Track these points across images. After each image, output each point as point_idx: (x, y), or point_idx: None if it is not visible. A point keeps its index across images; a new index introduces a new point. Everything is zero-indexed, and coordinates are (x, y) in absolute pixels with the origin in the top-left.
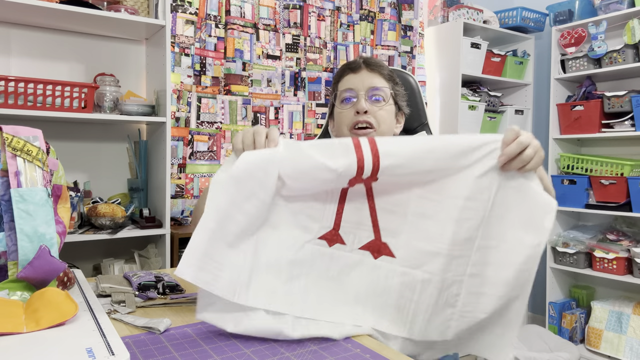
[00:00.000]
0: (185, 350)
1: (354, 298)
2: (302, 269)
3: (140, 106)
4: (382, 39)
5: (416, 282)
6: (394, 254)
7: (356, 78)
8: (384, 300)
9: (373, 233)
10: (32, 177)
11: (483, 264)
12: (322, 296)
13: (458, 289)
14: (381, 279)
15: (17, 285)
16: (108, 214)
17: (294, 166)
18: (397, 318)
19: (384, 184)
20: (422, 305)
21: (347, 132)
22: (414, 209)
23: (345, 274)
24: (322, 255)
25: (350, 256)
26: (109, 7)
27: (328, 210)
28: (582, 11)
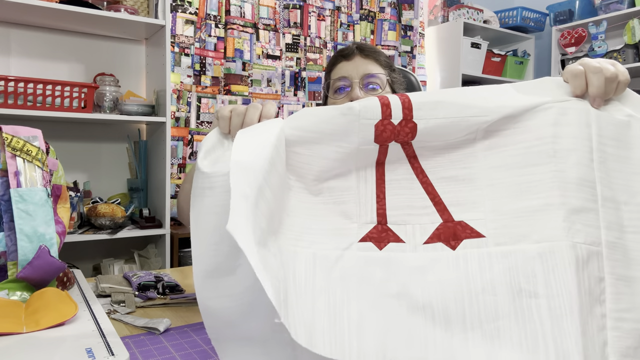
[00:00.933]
0: (185, 351)
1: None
2: (347, 289)
3: (140, 106)
4: (382, 38)
5: (531, 260)
6: (481, 232)
7: (350, 65)
8: (490, 306)
9: (438, 214)
10: (31, 177)
11: (619, 227)
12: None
13: (599, 270)
14: (474, 274)
15: (16, 285)
16: (108, 214)
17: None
18: (526, 337)
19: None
20: (560, 299)
21: None
22: (487, 164)
23: (416, 283)
24: (372, 263)
25: (415, 257)
26: (108, 7)
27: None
28: (582, 11)
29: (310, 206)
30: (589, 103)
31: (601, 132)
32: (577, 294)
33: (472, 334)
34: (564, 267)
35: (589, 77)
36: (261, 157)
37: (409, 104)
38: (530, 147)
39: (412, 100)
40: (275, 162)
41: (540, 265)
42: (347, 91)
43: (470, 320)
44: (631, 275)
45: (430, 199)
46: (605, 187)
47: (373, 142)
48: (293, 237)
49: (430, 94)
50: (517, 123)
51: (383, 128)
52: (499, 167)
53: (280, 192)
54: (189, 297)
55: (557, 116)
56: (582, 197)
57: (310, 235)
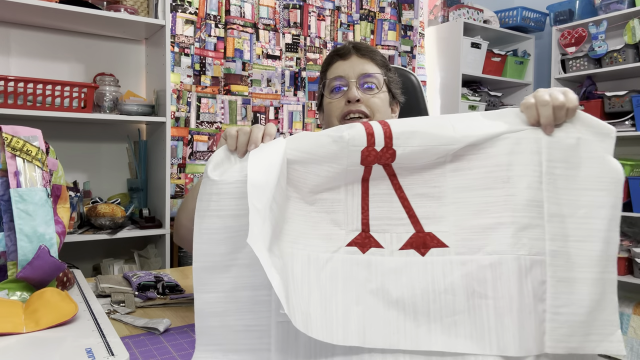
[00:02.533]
0: (185, 351)
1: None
2: (335, 285)
3: (140, 106)
4: (382, 38)
5: (483, 268)
6: (445, 242)
7: (346, 65)
8: (450, 304)
9: (412, 226)
10: (31, 177)
11: (563, 238)
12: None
13: (542, 274)
14: (438, 277)
15: (16, 285)
16: (108, 214)
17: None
18: (476, 329)
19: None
20: (503, 301)
21: (337, 124)
22: (454, 184)
23: (392, 282)
24: (356, 264)
25: (392, 260)
26: (108, 7)
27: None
28: (583, 11)
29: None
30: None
31: (551, 156)
32: (517, 296)
33: (434, 325)
34: (508, 275)
35: (539, 109)
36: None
37: (389, 134)
38: (489, 172)
39: (393, 130)
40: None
41: (490, 273)
42: (343, 90)
43: (433, 314)
44: (572, 277)
45: (405, 212)
46: (553, 205)
47: (359, 165)
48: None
49: (408, 123)
50: (480, 150)
51: (368, 153)
52: (463, 188)
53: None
54: (189, 297)
55: (512, 146)
56: (529, 216)
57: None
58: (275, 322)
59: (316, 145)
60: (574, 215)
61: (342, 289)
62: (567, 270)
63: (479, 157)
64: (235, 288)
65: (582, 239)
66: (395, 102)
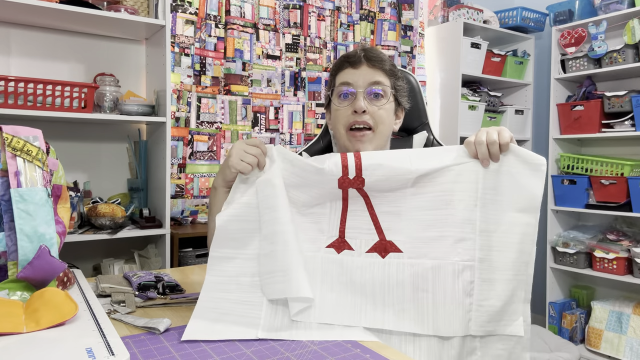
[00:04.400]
0: (185, 351)
1: (372, 300)
2: (315, 277)
3: (140, 106)
4: (382, 38)
5: (426, 270)
6: (401, 249)
7: (356, 74)
8: (400, 295)
9: (377, 235)
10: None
11: (488, 248)
12: (338, 301)
13: (471, 276)
14: (392, 275)
15: (17, 285)
16: (108, 214)
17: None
18: (418, 315)
19: (376, 189)
20: (439, 295)
21: (344, 132)
22: (410, 205)
23: (358, 276)
24: (332, 262)
25: (359, 260)
26: (109, 7)
27: (333, 221)
28: (582, 11)
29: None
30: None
31: (485, 184)
32: (450, 292)
33: (387, 310)
34: (444, 276)
35: (476, 146)
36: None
37: (360, 166)
38: (437, 196)
39: (362, 163)
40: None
41: (431, 273)
42: (350, 99)
43: (387, 302)
44: (492, 278)
45: (373, 224)
46: (483, 222)
47: (337, 188)
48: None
49: (376, 157)
50: (433, 179)
51: (343, 181)
52: (417, 208)
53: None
54: (189, 297)
55: (456, 176)
56: (465, 231)
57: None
58: (267, 301)
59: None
60: (497, 230)
61: (320, 280)
62: (490, 272)
63: (431, 184)
64: (238, 274)
65: (501, 249)
66: (401, 108)
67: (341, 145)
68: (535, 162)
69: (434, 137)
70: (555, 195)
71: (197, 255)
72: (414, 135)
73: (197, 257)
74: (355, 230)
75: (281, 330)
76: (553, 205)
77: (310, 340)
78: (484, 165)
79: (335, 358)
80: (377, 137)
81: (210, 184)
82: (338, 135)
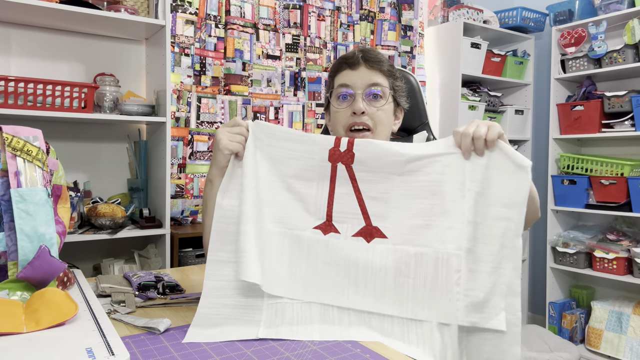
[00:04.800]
0: (185, 350)
1: (354, 282)
2: (301, 256)
3: (140, 106)
4: (382, 39)
5: (409, 256)
6: (386, 235)
7: (354, 75)
8: (381, 279)
9: (363, 220)
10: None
11: (474, 239)
12: (322, 280)
13: (458, 265)
14: (376, 259)
15: (17, 285)
16: (108, 214)
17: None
18: (397, 298)
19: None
20: (420, 280)
21: (343, 133)
22: (398, 192)
23: (342, 258)
24: (317, 242)
25: (344, 243)
26: (109, 7)
27: (320, 203)
28: (582, 11)
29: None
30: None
31: (473, 177)
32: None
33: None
34: (426, 263)
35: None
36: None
37: (352, 142)
38: (424, 186)
39: (355, 140)
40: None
41: (413, 260)
42: (349, 100)
43: (369, 285)
44: (477, 269)
45: (360, 210)
46: (470, 214)
47: (327, 161)
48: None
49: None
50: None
51: (333, 152)
52: (405, 196)
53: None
54: (189, 297)
55: (443, 168)
56: (452, 220)
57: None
58: (267, 303)
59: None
60: (482, 223)
61: (306, 260)
62: (475, 263)
63: (419, 174)
64: (236, 278)
65: (485, 242)
66: (400, 109)
67: None
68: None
69: (434, 137)
70: (555, 195)
71: (197, 255)
72: (413, 135)
73: (197, 257)
74: (342, 214)
75: (282, 329)
76: (553, 205)
77: (311, 340)
78: (465, 157)
79: (335, 358)
80: (376, 138)
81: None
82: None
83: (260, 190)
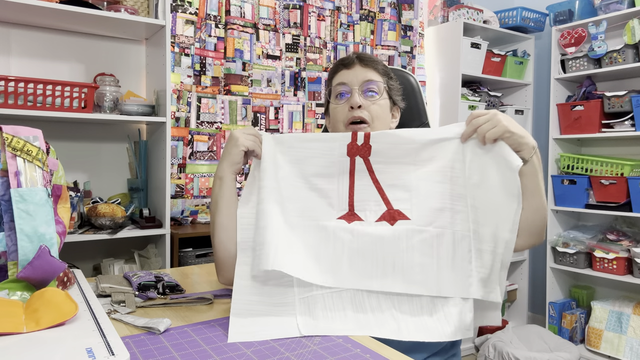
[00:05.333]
0: (185, 350)
1: (382, 264)
2: (327, 245)
3: (140, 106)
4: (382, 39)
5: (432, 237)
6: (408, 216)
7: (350, 74)
8: (409, 259)
9: (385, 205)
10: (32, 177)
11: (477, 222)
12: (350, 267)
13: (469, 245)
14: (402, 240)
15: (17, 285)
16: (108, 214)
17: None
18: (424, 277)
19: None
20: (443, 260)
21: (343, 129)
22: (414, 177)
23: (368, 243)
24: (343, 230)
25: (369, 228)
26: (109, 7)
27: (341, 196)
28: (582, 11)
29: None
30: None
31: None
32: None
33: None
34: (447, 243)
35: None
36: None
37: (368, 135)
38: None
39: (371, 134)
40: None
41: (435, 240)
42: (347, 97)
43: (397, 266)
44: (482, 249)
45: (380, 196)
46: (471, 199)
47: (346, 155)
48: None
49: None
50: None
51: (352, 147)
52: (421, 180)
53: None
54: (189, 297)
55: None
56: (460, 204)
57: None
58: (298, 298)
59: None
60: (480, 208)
61: (333, 247)
62: (479, 243)
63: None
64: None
65: (484, 225)
66: (396, 107)
67: None
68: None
69: None
70: (555, 195)
71: (197, 255)
72: None
73: (197, 257)
74: (363, 202)
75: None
76: (553, 205)
77: (311, 340)
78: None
79: (335, 358)
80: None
81: (210, 184)
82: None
83: (282, 189)
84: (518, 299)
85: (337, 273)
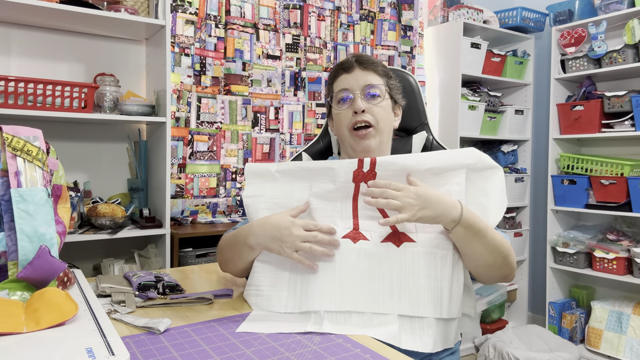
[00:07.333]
0: (185, 350)
1: (389, 287)
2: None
3: (140, 106)
4: (382, 39)
5: (437, 260)
6: (413, 239)
7: (350, 78)
8: (415, 282)
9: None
10: (32, 177)
11: None
12: (357, 289)
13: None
14: (409, 263)
15: (17, 285)
16: (108, 214)
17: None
18: (430, 300)
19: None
20: (445, 282)
21: (347, 133)
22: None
23: (375, 264)
24: (349, 251)
25: (375, 249)
26: (109, 7)
27: (345, 217)
28: (582, 11)
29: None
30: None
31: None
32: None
33: (404, 295)
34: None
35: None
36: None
37: (374, 162)
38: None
39: (377, 161)
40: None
41: (440, 261)
42: (349, 101)
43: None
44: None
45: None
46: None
47: (351, 182)
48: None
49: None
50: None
51: (357, 173)
52: None
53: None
54: (189, 297)
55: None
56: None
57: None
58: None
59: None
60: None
61: (339, 268)
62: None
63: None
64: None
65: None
66: (397, 106)
67: (347, 147)
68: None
69: (434, 137)
70: (555, 195)
71: (197, 255)
72: (413, 135)
73: (197, 257)
74: (368, 222)
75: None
76: (553, 205)
77: (311, 340)
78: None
79: (335, 358)
80: (379, 133)
81: (210, 184)
82: (343, 137)
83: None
84: (518, 299)
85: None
